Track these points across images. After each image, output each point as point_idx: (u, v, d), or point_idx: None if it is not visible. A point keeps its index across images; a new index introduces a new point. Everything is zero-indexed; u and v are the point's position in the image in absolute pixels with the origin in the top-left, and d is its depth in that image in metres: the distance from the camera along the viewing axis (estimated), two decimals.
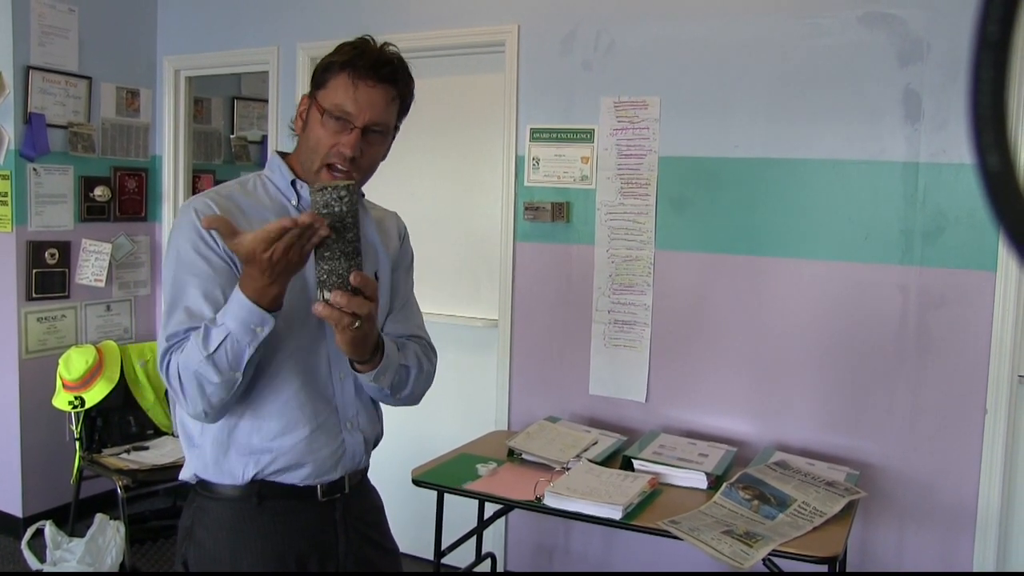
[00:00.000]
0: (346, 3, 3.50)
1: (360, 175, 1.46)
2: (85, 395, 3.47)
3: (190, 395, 1.33)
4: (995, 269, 2.47)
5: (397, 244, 1.64)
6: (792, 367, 2.76)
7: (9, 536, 3.64)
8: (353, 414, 1.51)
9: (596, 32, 3.01)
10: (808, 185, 2.70)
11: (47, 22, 3.61)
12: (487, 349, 3.34)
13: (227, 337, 1.28)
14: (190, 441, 1.48)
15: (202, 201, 1.42)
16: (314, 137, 1.43)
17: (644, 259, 2.96)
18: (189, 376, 1.31)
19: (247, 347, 1.28)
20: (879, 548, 2.66)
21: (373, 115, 1.42)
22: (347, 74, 1.41)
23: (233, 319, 1.27)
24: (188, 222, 1.40)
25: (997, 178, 0.36)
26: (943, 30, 2.49)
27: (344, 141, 1.40)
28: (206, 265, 1.37)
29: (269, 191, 1.51)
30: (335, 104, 1.41)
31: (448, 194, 3.47)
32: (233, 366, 1.29)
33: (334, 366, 1.48)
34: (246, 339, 1.28)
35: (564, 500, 2.24)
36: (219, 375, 1.29)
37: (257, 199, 1.48)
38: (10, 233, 3.58)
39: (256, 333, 1.28)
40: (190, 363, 1.30)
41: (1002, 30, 0.35)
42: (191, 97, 4.19)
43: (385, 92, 1.43)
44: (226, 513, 1.45)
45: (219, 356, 1.28)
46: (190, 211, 1.41)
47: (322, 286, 1.25)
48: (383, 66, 1.42)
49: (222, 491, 1.45)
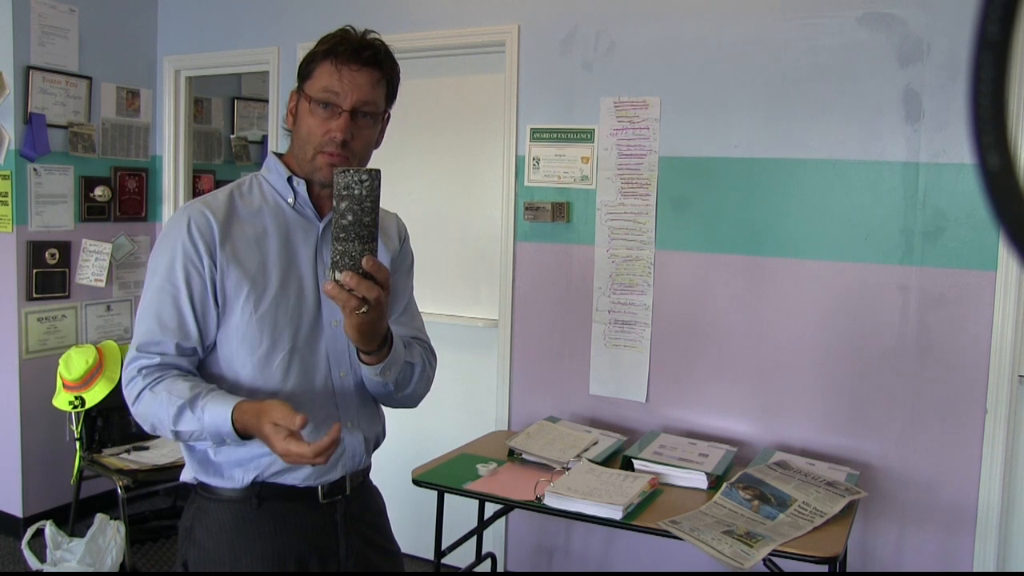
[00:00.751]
0: (346, 4, 3.50)
1: (354, 160, 1.47)
2: (85, 395, 3.47)
3: (141, 420, 1.41)
4: (995, 269, 2.47)
5: (397, 246, 1.64)
6: (792, 367, 2.76)
7: (9, 536, 3.64)
8: (353, 413, 1.52)
9: (596, 32, 3.01)
10: (808, 185, 2.70)
11: (47, 22, 3.61)
12: (487, 349, 3.34)
13: (196, 431, 1.35)
14: (191, 445, 1.48)
15: (197, 209, 1.44)
16: (305, 127, 1.45)
17: (644, 259, 2.96)
18: (147, 416, 1.40)
19: (209, 443, 1.38)
20: (879, 548, 2.66)
21: (359, 96, 1.43)
22: (330, 61, 1.44)
23: (211, 421, 1.32)
24: (180, 234, 1.42)
25: (997, 178, 0.36)
26: (943, 30, 2.49)
27: (335, 126, 1.42)
28: (186, 283, 1.41)
29: (265, 191, 1.52)
30: (321, 90, 1.43)
31: (448, 194, 3.47)
32: (191, 440, 1.39)
33: (334, 364, 1.49)
34: (212, 439, 1.35)
35: (564, 500, 2.24)
36: (175, 437, 1.38)
37: (251, 201, 1.50)
38: (10, 233, 3.58)
39: (224, 442, 1.36)
40: (155, 413, 1.37)
41: (1002, 30, 0.35)
42: (191, 97, 4.19)
43: (370, 75, 1.45)
44: (226, 514, 1.45)
45: (182, 434, 1.36)
46: (184, 219, 1.43)
47: (335, 266, 1.26)
48: (364, 49, 1.45)
49: (222, 493, 1.46)
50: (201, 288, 1.41)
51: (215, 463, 1.45)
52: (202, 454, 1.46)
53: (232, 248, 1.43)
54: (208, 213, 1.43)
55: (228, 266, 1.42)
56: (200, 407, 1.32)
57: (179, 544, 1.51)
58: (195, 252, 1.40)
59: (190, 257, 1.40)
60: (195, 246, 1.40)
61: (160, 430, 1.38)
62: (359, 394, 1.52)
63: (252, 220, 1.47)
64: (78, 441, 3.51)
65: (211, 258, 1.41)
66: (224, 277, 1.42)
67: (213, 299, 1.42)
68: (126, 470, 3.36)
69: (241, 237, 1.44)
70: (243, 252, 1.44)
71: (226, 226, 1.43)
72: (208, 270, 1.41)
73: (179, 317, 1.40)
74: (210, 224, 1.42)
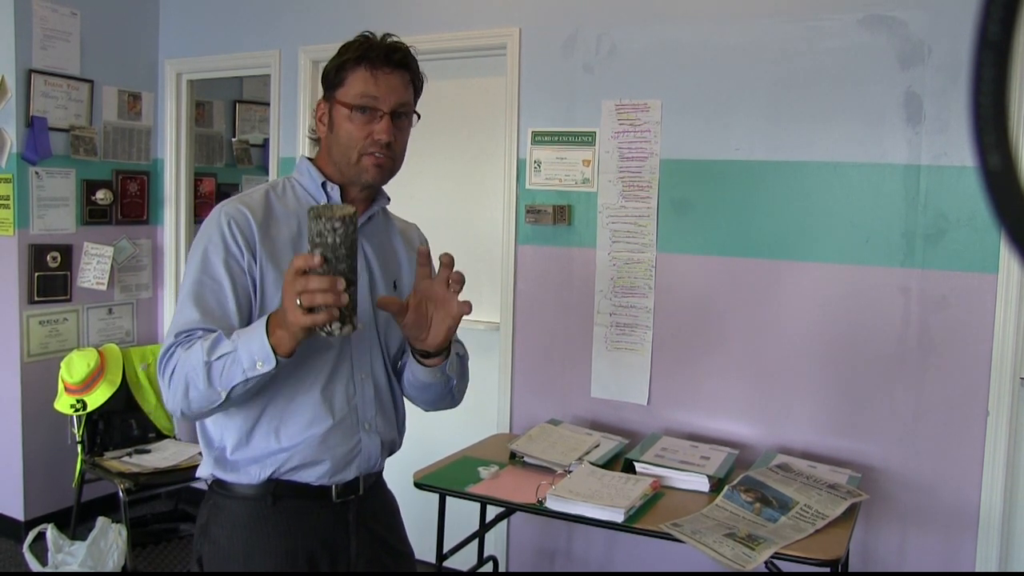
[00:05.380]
0: (347, 6, 3.51)
1: (395, 161, 1.51)
2: (87, 398, 3.47)
3: (174, 390, 1.34)
4: (997, 271, 2.46)
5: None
6: (793, 370, 2.75)
7: (11, 539, 3.64)
8: (371, 416, 1.54)
9: (597, 35, 3.01)
10: (809, 188, 2.70)
11: (49, 25, 3.62)
12: (489, 352, 3.34)
13: (230, 354, 1.29)
14: (208, 442, 1.50)
15: (234, 207, 1.45)
16: (345, 133, 1.47)
17: (645, 262, 2.96)
18: (181, 373, 1.33)
19: (240, 373, 1.29)
20: (881, 551, 2.65)
21: (397, 98, 1.48)
22: (364, 67, 1.47)
23: (244, 343, 1.29)
24: (219, 230, 1.42)
25: (998, 178, 0.36)
26: (944, 32, 2.49)
27: (378, 128, 1.46)
28: (228, 277, 1.41)
29: (298, 194, 1.54)
30: (359, 95, 1.46)
31: (450, 197, 3.47)
32: (222, 384, 1.30)
33: (356, 367, 1.52)
34: (243, 365, 1.29)
35: (566, 503, 2.24)
36: (207, 385, 1.30)
37: (286, 203, 1.52)
38: (12, 236, 3.59)
39: (256, 367, 1.28)
40: (188, 361, 1.32)
41: (1003, 30, 0.35)
42: (193, 100, 4.20)
43: (402, 76, 1.50)
44: (241, 511, 1.48)
45: (215, 367, 1.30)
46: (223, 217, 1.43)
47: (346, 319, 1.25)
48: (394, 52, 1.49)
49: (238, 490, 1.48)
50: (243, 282, 1.42)
51: (231, 460, 1.47)
52: (219, 451, 1.47)
53: (271, 247, 1.45)
54: (246, 211, 1.44)
55: (267, 264, 1.43)
56: (236, 333, 1.32)
57: (195, 540, 1.54)
58: (236, 247, 1.41)
59: (231, 252, 1.41)
60: (236, 241, 1.41)
61: (191, 377, 1.31)
62: (377, 398, 1.55)
63: (287, 220, 1.49)
64: (79, 444, 3.52)
65: (251, 253, 1.42)
66: (263, 274, 1.43)
67: (252, 293, 1.43)
68: (127, 473, 3.36)
69: (278, 237, 1.47)
70: (280, 252, 1.45)
71: (264, 225, 1.45)
72: (248, 265, 1.42)
73: (221, 308, 1.40)
74: (249, 222, 1.43)
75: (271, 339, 1.27)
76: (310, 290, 1.19)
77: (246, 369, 1.28)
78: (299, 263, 1.22)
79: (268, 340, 1.27)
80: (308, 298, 1.20)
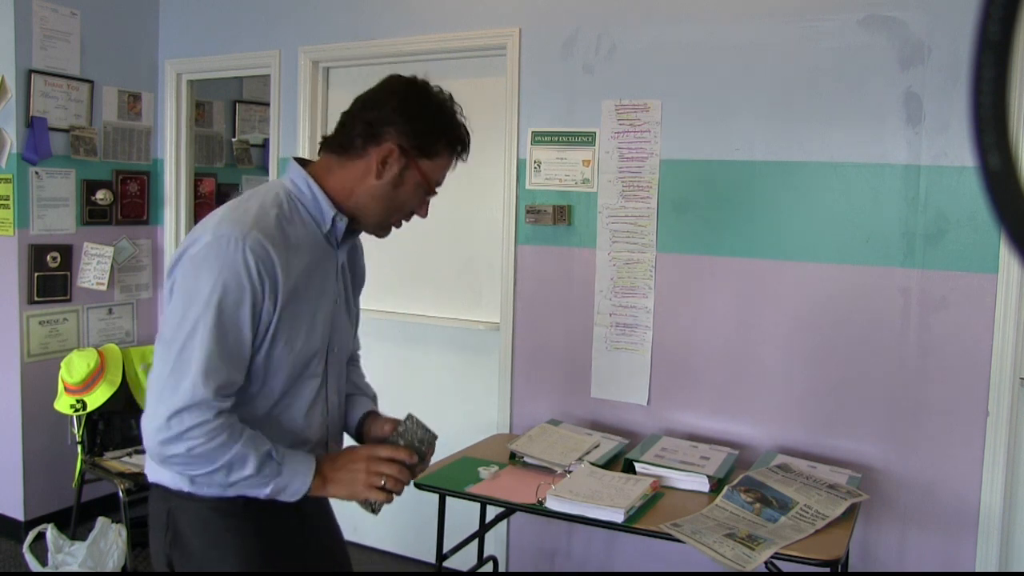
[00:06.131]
0: (347, 7, 3.51)
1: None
2: (87, 398, 3.47)
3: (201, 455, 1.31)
4: (997, 271, 2.46)
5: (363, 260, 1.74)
6: (794, 370, 2.75)
7: (11, 540, 3.64)
8: (337, 432, 1.62)
9: (597, 35, 3.01)
10: (809, 188, 2.70)
11: (49, 26, 3.62)
12: (489, 352, 3.34)
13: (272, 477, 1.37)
14: None
15: (257, 241, 1.34)
16: (404, 197, 1.51)
17: (645, 262, 2.96)
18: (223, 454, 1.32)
19: (261, 493, 1.38)
20: (881, 551, 2.65)
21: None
22: (452, 156, 1.53)
23: (287, 477, 1.38)
24: (244, 269, 1.32)
25: (998, 178, 0.36)
26: (944, 33, 2.49)
27: (426, 208, 1.55)
28: (251, 327, 1.35)
29: (303, 217, 1.47)
30: (439, 180, 1.54)
31: (449, 197, 3.45)
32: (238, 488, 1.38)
33: (329, 388, 1.56)
34: (270, 491, 1.38)
35: (566, 503, 2.24)
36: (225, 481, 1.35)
37: (296, 229, 1.44)
38: (12, 236, 3.59)
39: (277, 495, 1.38)
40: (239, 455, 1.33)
41: (1003, 30, 0.35)
42: (193, 100, 4.20)
43: None
44: (211, 514, 1.44)
45: (252, 480, 1.36)
46: (246, 253, 1.32)
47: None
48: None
49: (207, 500, 1.43)
50: (258, 326, 1.37)
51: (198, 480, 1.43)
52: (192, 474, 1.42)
53: (293, 284, 1.39)
54: (269, 248, 1.35)
55: (288, 303, 1.39)
56: (281, 453, 1.38)
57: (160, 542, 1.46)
58: (262, 293, 1.35)
59: (257, 298, 1.34)
60: (262, 288, 1.34)
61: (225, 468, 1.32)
62: (340, 415, 1.63)
63: (299, 253, 1.42)
64: (80, 444, 3.51)
65: (273, 298, 1.36)
66: (282, 311, 1.38)
67: (263, 332, 1.38)
68: (128, 473, 3.36)
69: (296, 269, 1.40)
70: (301, 288, 1.42)
71: (284, 262, 1.37)
72: (267, 310, 1.36)
73: (240, 358, 1.36)
74: (273, 263, 1.35)
75: (312, 482, 1.38)
76: (396, 478, 1.43)
77: (269, 493, 1.38)
78: (390, 453, 1.45)
79: (310, 484, 1.38)
80: (392, 483, 1.43)
